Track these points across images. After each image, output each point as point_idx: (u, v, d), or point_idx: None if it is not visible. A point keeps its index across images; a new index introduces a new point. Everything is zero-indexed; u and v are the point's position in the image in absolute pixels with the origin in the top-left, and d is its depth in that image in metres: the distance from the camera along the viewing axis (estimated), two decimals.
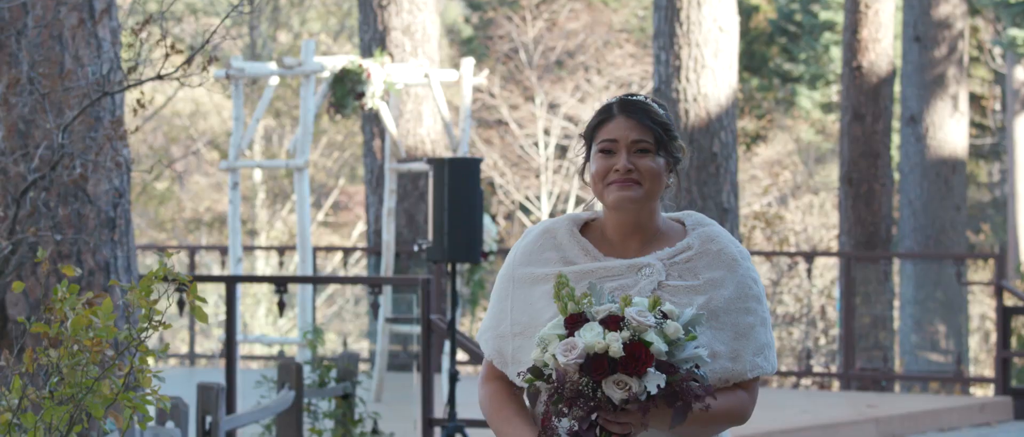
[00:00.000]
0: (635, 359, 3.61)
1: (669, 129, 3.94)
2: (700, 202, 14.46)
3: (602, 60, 27.32)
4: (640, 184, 3.91)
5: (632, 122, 3.92)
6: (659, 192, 3.94)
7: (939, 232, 19.77)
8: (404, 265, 16.34)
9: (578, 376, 3.63)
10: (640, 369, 3.60)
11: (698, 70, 14.40)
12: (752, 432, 11.62)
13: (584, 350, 3.62)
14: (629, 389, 3.61)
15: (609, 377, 3.61)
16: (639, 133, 3.91)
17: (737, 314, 3.90)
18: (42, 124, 7.82)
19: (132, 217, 8.43)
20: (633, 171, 3.90)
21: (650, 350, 3.61)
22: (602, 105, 3.98)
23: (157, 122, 28.73)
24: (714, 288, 3.90)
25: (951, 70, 19.92)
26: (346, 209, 30.87)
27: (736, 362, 3.87)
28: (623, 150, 3.91)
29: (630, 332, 3.63)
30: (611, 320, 3.65)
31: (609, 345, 3.61)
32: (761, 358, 3.90)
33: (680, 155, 3.97)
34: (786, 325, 19.24)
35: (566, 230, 4.00)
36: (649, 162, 3.91)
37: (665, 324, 3.66)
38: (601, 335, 3.63)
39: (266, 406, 8.64)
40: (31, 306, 7.91)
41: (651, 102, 3.96)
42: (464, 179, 9.30)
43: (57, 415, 4.77)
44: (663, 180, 3.93)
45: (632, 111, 3.93)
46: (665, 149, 3.93)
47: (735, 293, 3.92)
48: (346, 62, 12.79)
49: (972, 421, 13.76)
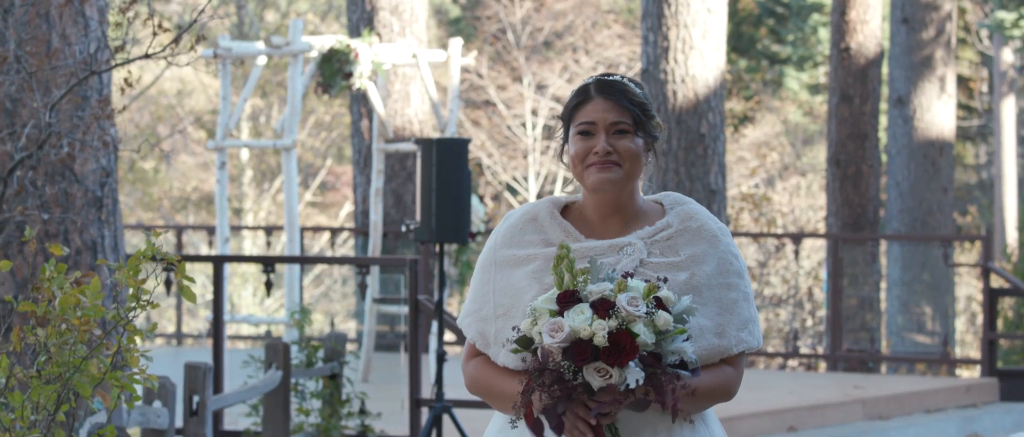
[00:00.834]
0: (619, 350, 3.60)
1: (647, 109, 3.94)
2: (688, 184, 14.46)
3: (590, 41, 27.31)
4: (620, 165, 3.91)
5: (610, 103, 3.92)
6: (639, 172, 3.94)
7: (926, 214, 19.79)
8: (392, 245, 16.33)
9: (561, 358, 3.63)
10: (623, 360, 3.60)
11: (686, 51, 14.39)
12: (739, 413, 11.64)
13: (569, 335, 3.62)
14: (609, 378, 3.61)
15: (591, 364, 3.62)
16: (617, 114, 3.91)
17: (720, 289, 3.91)
18: (29, 103, 7.80)
19: (119, 196, 8.41)
20: (612, 152, 3.91)
21: (636, 341, 3.60)
22: (579, 86, 3.98)
23: (144, 101, 28.68)
24: (696, 264, 3.91)
25: (939, 52, 19.93)
26: (334, 189, 30.85)
27: (722, 337, 3.88)
28: (602, 132, 3.91)
29: (618, 321, 3.63)
30: (602, 305, 3.64)
31: (594, 333, 3.61)
32: (746, 332, 3.91)
33: (658, 134, 3.98)
34: (773, 306, 19.26)
35: (547, 212, 4.01)
36: (628, 143, 3.91)
37: (656, 315, 3.65)
38: (589, 320, 3.62)
39: (253, 386, 8.64)
40: (18, 285, 7.90)
41: (628, 82, 3.95)
42: (452, 159, 9.29)
43: (44, 394, 4.76)
44: (642, 160, 3.94)
45: (610, 92, 3.93)
46: (643, 129, 3.93)
47: (717, 268, 3.92)
48: (334, 42, 12.77)
49: (958, 402, 13.79)
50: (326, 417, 9.50)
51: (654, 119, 3.96)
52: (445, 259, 9.48)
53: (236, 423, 10.31)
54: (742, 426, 11.63)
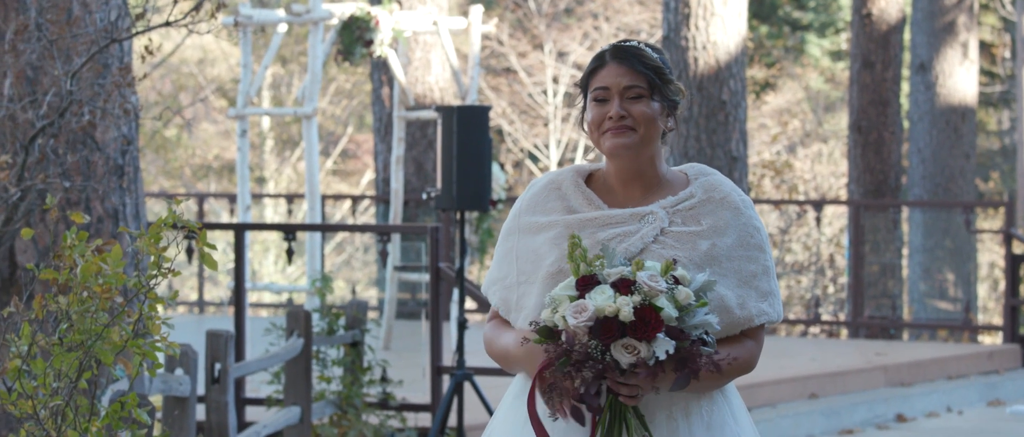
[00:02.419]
0: (645, 324, 3.60)
1: (662, 73, 3.92)
2: (709, 151, 14.43)
3: (610, 7, 27.23)
4: (635, 130, 3.90)
5: (624, 68, 3.91)
6: (655, 137, 3.92)
7: (948, 180, 19.74)
8: (412, 213, 16.33)
9: (587, 338, 3.63)
10: (650, 334, 3.60)
11: (707, 17, 14.34)
12: (761, 380, 11.64)
13: (594, 313, 3.62)
14: (638, 353, 3.61)
15: (618, 341, 3.61)
16: (631, 79, 3.90)
17: (740, 261, 3.90)
18: (50, 71, 7.80)
19: (140, 164, 8.42)
20: (626, 117, 3.90)
21: (660, 315, 3.61)
22: (596, 53, 3.98)
23: (165, 70, 28.69)
24: (717, 234, 3.90)
25: (961, 17, 19.84)
26: (354, 157, 30.85)
27: (742, 309, 3.87)
28: (616, 97, 3.90)
29: (641, 296, 3.62)
30: (623, 284, 3.64)
31: (619, 309, 3.60)
32: (766, 304, 3.90)
33: (677, 98, 3.95)
34: (795, 273, 19.23)
35: (570, 180, 4.00)
36: (643, 107, 3.90)
37: (676, 290, 3.65)
38: (612, 298, 3.62)
39: (275, 353, 8.66)
40: (40, 253, 7.92)
41: (644, 47, 3.94)
42: (473, 127, 9.28)
43: (67, 361, 4.78)
44: (659, 124, 3.92)
45: (624, 57, 3.91)
46: (660, 93, 3.92)
47: (738, 240, 3.91)
48: (354, 9, 12.76)
49: (980, 369, 13.77)
50: (347, 385, 9.52)
51: (672, 83, 3.93)
52: (466, 227, 9.48)
53: (258, 390, 10.34)
54: (763, 393, 11.63)
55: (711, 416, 3.86)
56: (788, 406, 11.67)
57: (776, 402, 11.74)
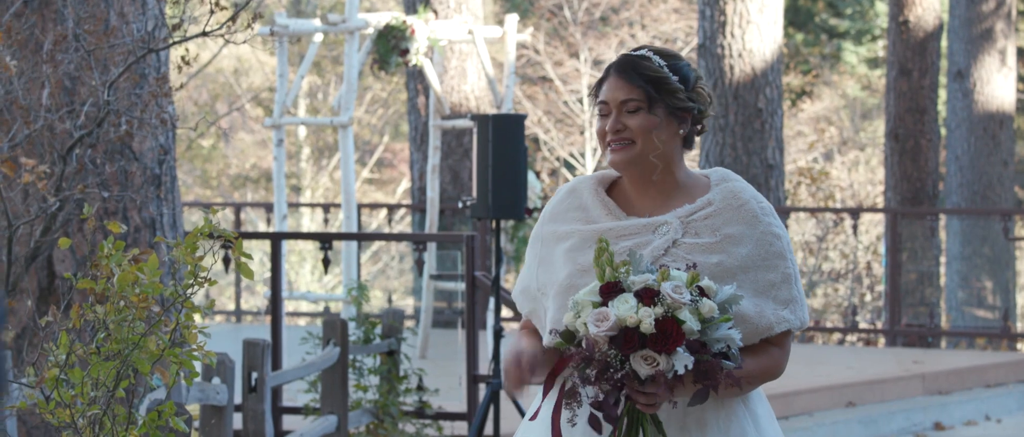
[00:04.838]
0: (665, 336, 3.58)
1: (661, 83, 3.89)
2: (745, 158, 14.40)
3: (646, 16, 27.21)
4: (633, 142, 3.90)
5: (621, 82, 3.92)
6: (654, 147, 3.91)
7: (986, 188, 19.65)
8: (448, 222, 16.34)
9: (607, 348, 3.62)
10: (670, 347, 3.58)
11: (743, 25, 14.32)
12: (798, 388, 11.60)
13: (616, 323, 3.61)
14: (657, 365, 3.59)
15: (638, 352, 3.60)
16: (627, 92, 3.91)
17: (757, 271, 3.87)
18: (88, 81, 7.84)
19: (177, 174, 8.45)
20: (622, 130, 3.91)
21: (682, 328, 3.59)
22: (607, 65, 4.00)
23: (202, 79, 28.78)
24: (732, 245, 3.87)
25: (999, 24, 19.76)
26: (390, 166, 30.89)
27: (761, 318, 3.84)
28: (614, 111, 3.92)
29: (664, 308, 3.61)
30: (646, 294, 3.62)
31: (641, 320, 3.59)
32: (788, 311, 3.87)
33: (691, 104, 3.92)
34: (832, 281, 19.18)
35: (591, 189, 4.01)
36: (640, 120, 3.90)
37: (701, 302, 3.63)
38: (634, 309, 3.60)
39: (311, 362, 8.67)
40: (78, 262, 7.95)
41: (651, 55, 3.93)
42: (508, 135, 9.28)
43: (104, 370, 4.79)
44: (662, 134, 3.91)
45: (622, 71, 3.93)
46: (662, 103, 3.91)
47: (755, 250, 3.88)
48: (390, 18, 12.78)
49: (1019, 377, 13.71)
50: (384, 393, 9.53)
51: (679, 91, 3.91)
52: (502, 235, 9.48)
53: (295, 399, 10.35)
54: (800, 401, 11.60)
55: (729, 427, 3.84)
56: (825, 414, 11.63)
57: (813, 410, 11.70)
